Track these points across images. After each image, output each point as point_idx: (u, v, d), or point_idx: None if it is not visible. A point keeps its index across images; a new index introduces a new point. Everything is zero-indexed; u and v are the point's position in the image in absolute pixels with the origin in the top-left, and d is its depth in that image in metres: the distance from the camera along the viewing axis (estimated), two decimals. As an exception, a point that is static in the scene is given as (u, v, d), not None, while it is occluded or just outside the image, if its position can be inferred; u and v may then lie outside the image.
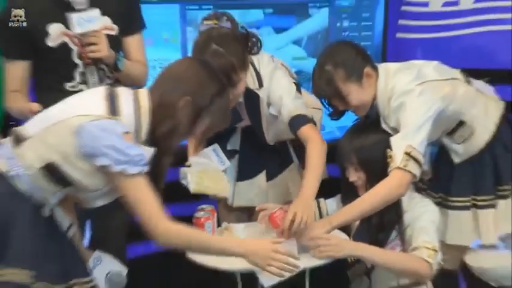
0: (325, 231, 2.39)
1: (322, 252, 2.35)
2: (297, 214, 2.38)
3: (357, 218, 2.48)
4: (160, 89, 2.03)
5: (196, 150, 2.79)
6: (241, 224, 2.75)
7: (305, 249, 2.39)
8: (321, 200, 2.66)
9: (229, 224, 2.68)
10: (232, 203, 2.89)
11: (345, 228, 2.56)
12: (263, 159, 2.90)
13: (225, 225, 2.66)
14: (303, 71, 3.41)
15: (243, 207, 2.91)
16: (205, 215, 2.55)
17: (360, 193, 2.50)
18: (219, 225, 2.66)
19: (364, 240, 2.44)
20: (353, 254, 2.43)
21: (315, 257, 2.36)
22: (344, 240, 2.48)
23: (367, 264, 2.51)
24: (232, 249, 2.08)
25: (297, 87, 2.71)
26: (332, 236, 2.42)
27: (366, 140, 2.52)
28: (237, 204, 2.89)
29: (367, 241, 2.44)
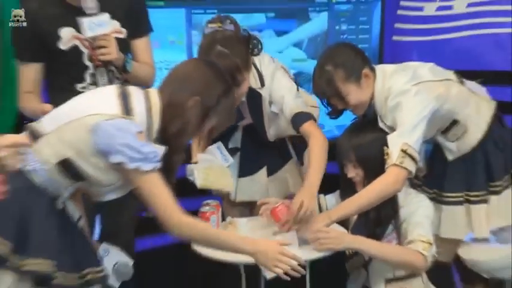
0: (325, 224, 2.42)
1: (323, 245, 2.38)
2: (303, 202, 2.42)
3: (355, 212, 2.51)
4: (169, 89, 2.05)
5: (202, 148, 2.81)
6: (244, 218, 2.77)
7: (306, 241, 2.43)
8: (321, 195, 2.68)
9: (233, 218, 2.71)
10: (235, 198, 2.92)
11: (343, 222, 2.58)
12: (263, 155, 2.93)
13: (229, 219, 2.70)
14: (303, 72, 3.43)
15: (245, 202, 2.94)
16: (211, 209, 2.59)
17: (358, 189, 2.53)
18: (223, 220, 2.69)
19: (362, 234, 2.47)
20: (351, 246, 2.46)
21: (315, 250, 2.39)
22: (343, 233, 2.52)
23: (365, 257, 2.54)
24: (243, 246, 2.09)
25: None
26: (332, 229, 2.45)
27: (364, 138, 2.55)
28: (240, 199, 2.92)
29: (365, 235, 2.47)
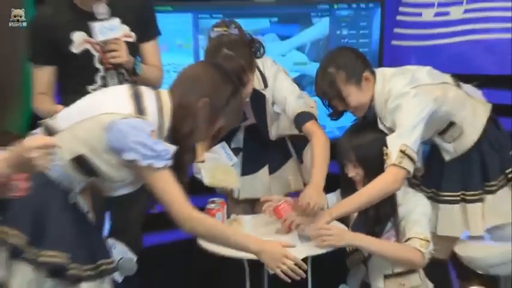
0: (326, 222, 2.47)
1: (324, 242, 2.43)
2: (311, 198, 2.49)
3: (355, 210, 2.56)
4: (179, 91, 2.09)
5: (207, 148, 2.86)
6: (248, 215, 2.84)
7: (307, 238, 2.49)
8: (322, 194, 2.73)
9: (237, 215, 2.78)
10: (238, 196, 2.97)
11: (343, 220, 2.63)
12: (265, 154, 2.98)
13: (233, 216, 2.76)
14: (305, 75, 3.48)
15: (248, 200, 2.99)
16: (216, 206, 2.66)
17: (358, 188, 2.57)
18: (228, 217, 2.74)
19: (362, 231, 2.52)
20: (352, 243, 2.51)
21: (317, 246, 2.44)
22: (344, 230, 2.57)
23: (364, 253, 2.58)
24: (250, 245, 2.11)
25: None
26: (333, 226, 2.49)
27: (364, 138, 2.59)
28: (243, 196, 2.98)
29: (365, 232, 2.52)
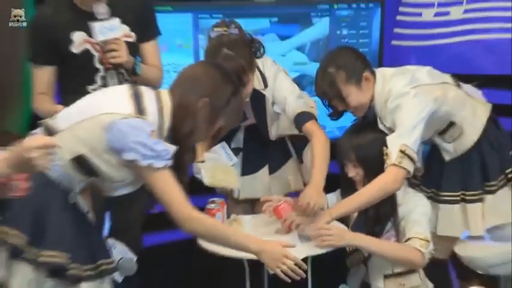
0: (326, 222, 2.47)
1: (324, 242, 2.43)
2: (311, 198, 2.49)
3: (355, 210, 2.56)
4: (179, 91, 2.09)
5: (207, 148, 2.86)
6: (248, 215, 2.84)
7: (308, 238, 2.49)
8: (322, 194, 2.73)
9: (237, 215, 2.78)
10: (238, 196, 2.97)
11: (343, 220, 2.64)
12: (265, 154, 2.98)
13: (233, 216, 2.76)
14: (305, 74, 3.48)
15: (248, 199, 2.99)
16: (216, 206, 2.66)
17: (358, 188, 2.57)
18: (228, 217, 2.74)
19: (362, 231, 2.52)
20: (352, 243, 2.51)
21: (317, 246, 2.44)
22: (344, 230, 2.57)
23: (364, 253, 2.59)
24: (250, 245, 2.12)
25: None
26: (333, 226, 2.50)
27: (364, 138, 2.59)
28: (243, 196, 2.98)
29: (365, 232, 2.52)
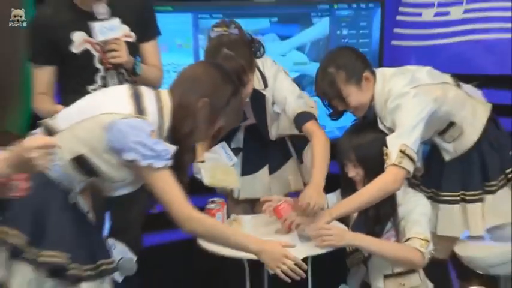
0: (326, 222, 2.48)
1: (324, 242, 2.44)
2: (311, 198, 2.49)
3: (355, 210, 2.56)
4: (179, 91, 2.09)
5: (207, 148, 2.86)
6: (248, 215, 2.84)
7: (308, 238, 2.50)
8: (322, 194, 2.73)
9: (237, 215, 2.78)
10: (238, 196, 2.97)
11: (343, 220, 2.64)
12: (265, 154, 2.99)
13: (233, 216, 2.76)
14: (305, 74, 3.48)
15: (248, 199, 2.99)
16: (216, 206, 2.66)
17: (358, 188, 2.57)
18: (228, 217, 2.74)
19: (362, 231, 2.53)
20: (352, 243, 2.52)
21: (317, 246, 2.45)
22: (344, 230, 2.57)
23: (364, 253, 2.59)
24: (250, 245, 2.11)
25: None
26: (333, 226, 2.50)
27: (364, 138, 2.59)
28: (243, 196, 2.98)
29: (365, 232, 2.52)
